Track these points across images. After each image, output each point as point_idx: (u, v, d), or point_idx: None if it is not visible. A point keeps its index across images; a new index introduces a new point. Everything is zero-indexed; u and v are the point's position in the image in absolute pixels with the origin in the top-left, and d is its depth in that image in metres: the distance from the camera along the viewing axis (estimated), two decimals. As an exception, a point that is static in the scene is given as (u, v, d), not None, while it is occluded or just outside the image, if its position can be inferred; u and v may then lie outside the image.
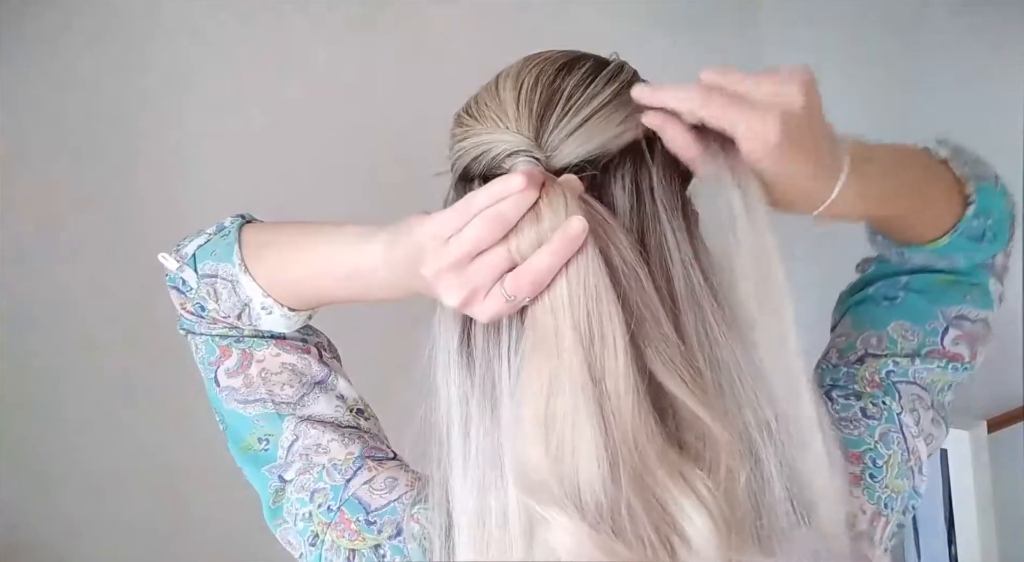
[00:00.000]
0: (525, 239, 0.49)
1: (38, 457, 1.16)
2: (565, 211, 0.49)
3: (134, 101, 1.20)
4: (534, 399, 0.49)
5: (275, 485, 0.65)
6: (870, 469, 0.61)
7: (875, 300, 0.69)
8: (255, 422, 0.66)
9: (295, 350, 0.67)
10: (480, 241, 0.49)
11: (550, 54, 0.58)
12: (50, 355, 1.16)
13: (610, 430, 0.48)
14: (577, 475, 0.48)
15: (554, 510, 0.48)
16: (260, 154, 1.28)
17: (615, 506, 0.48)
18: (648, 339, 0.51)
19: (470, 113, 0.58)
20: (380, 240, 0.55)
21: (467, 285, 0.50)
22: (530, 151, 0.54)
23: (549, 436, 0.48)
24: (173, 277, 0.67)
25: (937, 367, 0.65)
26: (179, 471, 1.22)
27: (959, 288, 0.68)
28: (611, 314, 0.49)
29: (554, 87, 0.55)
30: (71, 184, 1.16)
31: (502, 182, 0.49)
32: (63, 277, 1.16)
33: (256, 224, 0.68)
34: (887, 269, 0.70)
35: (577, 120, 0.54)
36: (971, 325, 0.67)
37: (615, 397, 0.48)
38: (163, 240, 0.70)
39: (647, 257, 0.53)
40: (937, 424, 0.65)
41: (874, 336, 0.66)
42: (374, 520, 0.61)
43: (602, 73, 0.56)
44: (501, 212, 0.49)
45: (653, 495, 0.48)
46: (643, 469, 0.48)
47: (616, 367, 0.48)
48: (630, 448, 0.48)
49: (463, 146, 0.57)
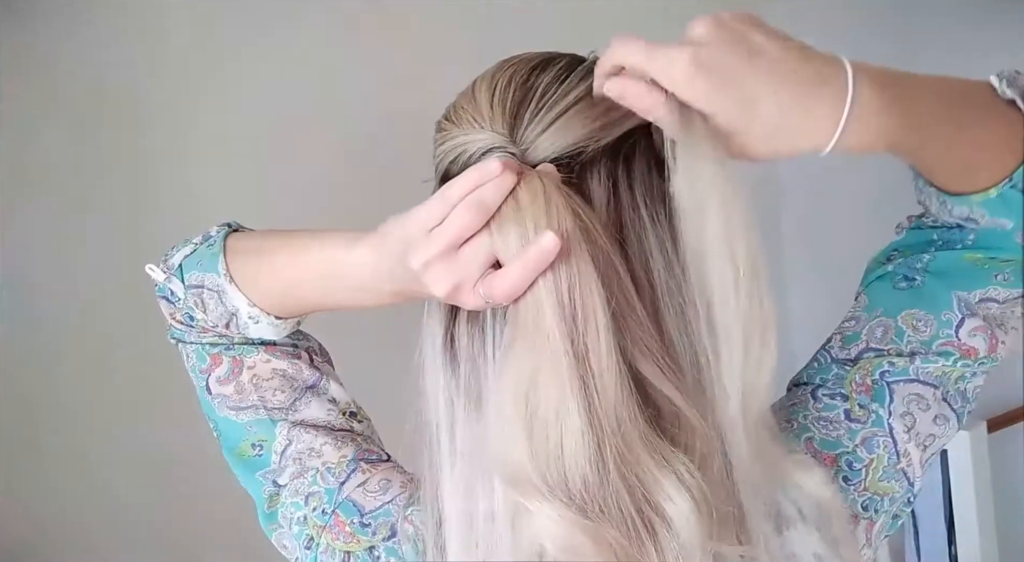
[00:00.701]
0: (507, 226, 0.49)
1: (40, 457, 1.16)
2: (543, 195, 0.49)
3: (134, 101, 1.20)
4: (517, 388, 0.49)
5: (269, 490, 0.65)
6: (844, 472, 0.60)
7: (894, 279, 0.65)
8: (248, 428, 0.66)
9: (285, 355, 0.67)
10: (463, 229, 0.49)
11: (526, 55, 0.59)
12: (52, 356, 1.16)
13: (594, 410, 0.48)
14: (563, 459, 0.48)
15: (538, 501, 0.48)
16: (261, 155, 1.28)
17: (601, 488, 0.48)
18: (627, 327, 0.51)
19: (448, 118, 0.59)
20: (366, 243, 0.55)
21: (454, 276, 0.50)
22: (505, 147, 0.54)
23: (533, 423, 0.49)
24: (161, 288, 0.67)
25: (944, 363, 0.61)
26: (186, 469, 1.22)
27: (988, 269, 0.62)
28: (593, 295, 0.49)
29: (528, 85, 0.56)
30: (72, 184, 1.16)
31: (478, 169, 0.50)
32: (66, 277, 1.16)
33: (242, 233, 0.67)
34: (919, 236, 0.66)
35: (551, 115, 0.54)
36: (998, 307, 0.62)
37: (599, 376, 0.48)
38: (164, 241, 0.70)
39: (626, 249, 0.53)
40: (943, 421, 0.62)
41: (881, 326, 0.63)
42: (368, 522, 0.61)
43: (576, 69, 0.57)
44: (481, 198, 0.49)
45: (636, 476, 0.48)
46: (626, 450, 0.48)
47: (599, 346, 0.48)
48: (614, 429, 0.48)
49: (443, 150, 0.58)
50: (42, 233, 1.15)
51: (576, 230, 0.49)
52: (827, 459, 0.60)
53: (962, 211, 0.61)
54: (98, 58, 1.17)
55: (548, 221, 0.49)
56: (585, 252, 0.49)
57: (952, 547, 1.53)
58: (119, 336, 1.19)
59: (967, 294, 0.62)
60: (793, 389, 0.65)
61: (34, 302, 1.15)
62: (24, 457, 1.15)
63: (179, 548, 1.24)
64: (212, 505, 1.19)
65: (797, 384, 0.65)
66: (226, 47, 1.25)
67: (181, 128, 1.22)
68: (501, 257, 0.50)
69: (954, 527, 1.53)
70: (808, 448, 0.60)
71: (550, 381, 0.48)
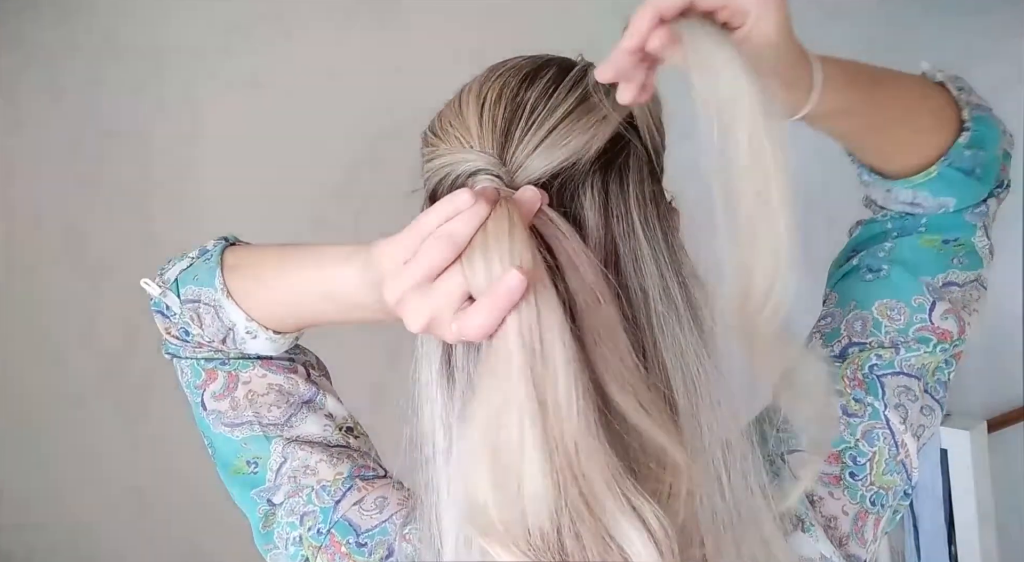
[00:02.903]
0: (475, 262, 0.48)
1: (42, 459, 1.16)
2: (508, 228, 0.48)
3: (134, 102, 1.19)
4: (482, 427, 0.48)
5: (264, 509, 0.65)
6: (850, 468, 0.60)
7: (859, 273, 0.66)
8: (243, 445, 0.65)
9: (281, 370, 0.66)
10: (434, 263, 0.48)
11: (514, 63, 0.58)
12: (55, 356, 1.16)
13: (555, 457, 0.46)
14: (524, 506, 0.46)
15: (498, 546, 0.47)
16: (263, 155, 1.28)
17: (562, 536, 0.47)
18: (604, 360, 0.49)
19: (435, 132, 0.57)
20: (355, 264, 0.54)
21: (428, 309, 0.49)
22: (490, 169, 0.53)
23: (496, 465, 0.47)
24: (157, 302, 0.66)
25: (925, 351, 0.63)
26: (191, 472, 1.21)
27: (945, 254, 0.65)
28: (553, 330, 0.47)
29: (517, 101, 0.54)
30: (74, 186, 1.16)
31: (449, 200, 0.49)
32: (69, 278, 1.16)
33: (239, 247, 0.67)
34: (874, 229, 0.68)
35: (540, 133, 0.53)
36: (959, 290, 0.65)
37: (558, 423, 0.47)
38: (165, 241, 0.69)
39: (619, 270, 0.52)
40: (929, 412, 0.63)
41: (859, 320, 0.64)
42: (365, 542, 0.61)
43: (564, 81, 0.56)
44: (451, 231, 0.48)
45: (601, 523, 0.47)
46: (590, 497, 0.47)
47: (557, 384, 0.47)
48: (576, 475, 0.47)
49: (430, 167, 0.57)
50: (43, 234, 1.15)
51: (538, 265, 0.48)
52: (832, 457, 0.60)
53: (906, 195, 0.64)
54: (100, 59, 1.17)
55: (511, 256, 0.47)
56: (548, 287, 0.48)
57: (952, 547, 1.53)
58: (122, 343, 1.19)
59: (931, 279, 0.64)
60: None
61: (35, 306, 1.15)
62: (24, 458, 1.15)
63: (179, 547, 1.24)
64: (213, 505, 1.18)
65: None
66: (227, 48, 1.25)
67: (182, 130, 1.22)
68: (472, 292, 0.48)
69: (954, 527, 1.53)
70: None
71: (512, 422, 0.47)
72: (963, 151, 0.62)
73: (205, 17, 1.22)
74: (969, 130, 0.62)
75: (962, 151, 0.62)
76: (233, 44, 1.25)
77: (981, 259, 0.66)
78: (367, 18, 1.35)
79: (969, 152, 0.62)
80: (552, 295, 0.48)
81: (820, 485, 0.60)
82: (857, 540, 0.60)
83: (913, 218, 0.66)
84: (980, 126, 0.63)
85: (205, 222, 1.17)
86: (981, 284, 0.66)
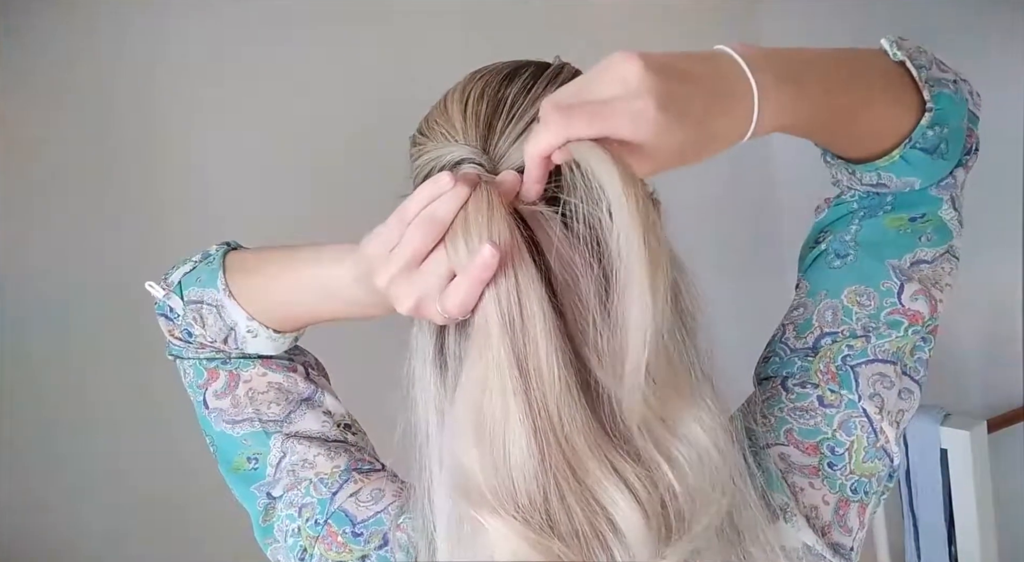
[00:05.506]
0: (457, 241, 0.50)
1: (44, 459, 1.17)
2: (487, 209, 0.50)
3: (138, 106, 1.21)
4: (468, 399, 0.50)
5: (264, 502, 0.67)
6: (828, 458, 0.61)
7: (827, 258, 0.67)
8: (243, 442, 0.68)
9: (281, 369, 0.69)
10: (418, 246, 0.50)
11: (495, 66, 0.60)
12: (57, 357, 1.17)
13: (538, 422, 0.49)
14: (511, 472, 0.49)
15: (487, 514, 0.49)
16: (263, 156, 1.29)
17: (549, 500, 0.49)
18: (583, 331, 0.51)
19: (422, 132, 0.60)
20: (348, 261, 0.57)
21: (416, 291, 0.51)
22: (473, 158, 0.55)
23: (482, 435, 0.49)
24: (161, 305, 0.69)
25: (897, 336, 0.63)
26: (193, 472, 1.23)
27: (912, 233, 0.65)
28: (532, 302, 0.49)
29: (499, 97, 0.57)
30: (76, 189, 1.18)
31: (430, 183, 0.51)
32: (70, 278, 1.17)
33: (240, 250, 0.69)
34: (840, 210, 0.68)
35: (521, 125, 0.55)
36: (929, 266, 0.65)
37: (540, 389, 0.49)
38: (166, 241, 0.71)
39: (600, 242, 0.53)
40: (908, 394, 0.64)
41: (829, 309, 0.64)
42: (360, 531, 0.63)
43: (542, 77, 0.58)
44: (432, 214, 0.50)
45: (586, 486, 0.49)
46: (574, 460, 0.49)
47: (538, 354, 0.49)
48: (559, 440, 0.49)
49: (418, 164, 0.59)
50: (44, 237, 1.16)
51: (517, 241, 0.50)
52: (809, 448, 0.61)
53: (871, 178, 0.64)
54: (102, 60, 1.18)
55: (490, 233, 0.49)
56: (527, 260, 0.50)
57: (952, 547, 1.54)
58: (122, 343, 1.20)
59: (898, 261, 0.64)
60: (764, 383, 0.66)
61: (36, 307, 1.16)
62: (29, 458, 1.16)
63: (180, 545, 1.25)
64: (213, 507, 1.20)
65: (766, 378, 0.66)
66: (227, 49, 1.26)
67: (184, 131, 1.23)
68: (456, 271, 0.50)
69: (954, 527, 1.53)
70: (789, 439, 0.61)
71: (495, 390, 0.49)
72: (925, 131, 0.61)
73: (205, 19, 1.24)
74: (931, 111, 0.61)
75: (924, 132, 0.61)
76: (233, 45, 1.26)
77: (951, 231, 0.66)
78: (367, 19, 1.36)
79: (932, 132, 0.61)
80: (532, 269, 0.50)
81: (800, 476, 0.61)
82: (840, 529, 0.61)
83: (879, 197, 0.67)
84: (942, 103, 0.61)
85: (207, 222, 1.18)
86: (952, 254, 0.66)
